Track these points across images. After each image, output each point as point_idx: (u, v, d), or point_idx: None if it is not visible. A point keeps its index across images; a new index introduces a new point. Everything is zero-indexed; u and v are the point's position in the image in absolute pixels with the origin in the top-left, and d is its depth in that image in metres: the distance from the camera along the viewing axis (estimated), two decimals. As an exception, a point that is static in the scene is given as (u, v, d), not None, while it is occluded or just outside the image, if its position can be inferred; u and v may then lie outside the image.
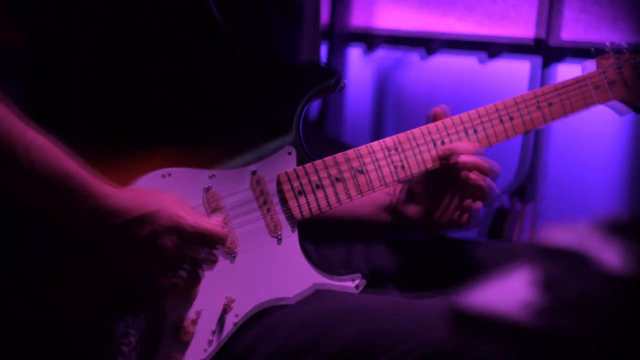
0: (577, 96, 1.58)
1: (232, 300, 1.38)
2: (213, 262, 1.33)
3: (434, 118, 1.53)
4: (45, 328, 1.30)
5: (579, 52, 2.71)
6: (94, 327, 1.31)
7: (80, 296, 1.31)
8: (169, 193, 1.32)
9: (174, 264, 1.29)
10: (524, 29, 2.89)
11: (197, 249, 1.30)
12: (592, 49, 1.64)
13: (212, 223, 1.32)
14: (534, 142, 2.65)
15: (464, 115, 1.52)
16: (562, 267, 0.71)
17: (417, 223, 1.56)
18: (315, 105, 3.06)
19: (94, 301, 1.31)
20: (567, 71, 1.78)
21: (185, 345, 1.35)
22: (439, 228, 1.56)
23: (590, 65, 1.63)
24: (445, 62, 3.05)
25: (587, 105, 1.59)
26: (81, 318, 1.31)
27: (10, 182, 1.26)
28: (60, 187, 1.24)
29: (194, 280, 1.32)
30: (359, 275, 1.46)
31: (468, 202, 1.50)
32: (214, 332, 1.37)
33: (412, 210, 1.56)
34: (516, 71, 2.88)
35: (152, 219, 1.26)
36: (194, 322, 1.35)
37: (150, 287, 1.29)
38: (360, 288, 1.46)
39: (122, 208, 1.26)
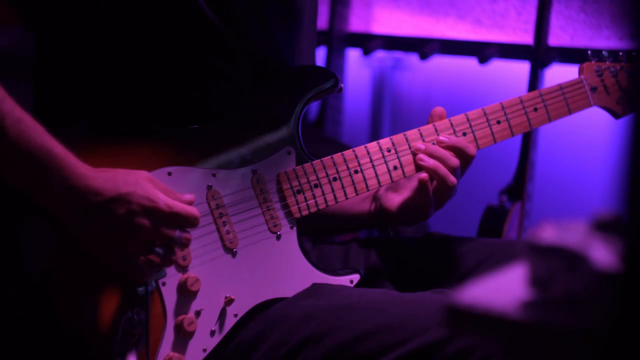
0: (560, 102, 1.60)
1: (232, 300, 1.39)
2: (187, 241, 1.33)
3: (437, 117, 1.54)
4: (45, 325, 1.31)
5: (567, 57, 2.72)
6: (95, 324, 1.31)
7: (81, 293, 1.32)
8: (143, 172, 1.32)
9: (150, 242, 1.29)
10: (518, 32, 2.90)
11: (172, 228, 1.31)
12: (588, 53, 1.66)
13: (185, 201, 1.32)
14: (529, 142, 2.66)
15: (459, 117, 1.54)
16: (557, 265, 0.72)
17: (396, 212, 1.56)
18: (314, 107, 3.07)
19: (95, 298, 1.32)
20: (560, 75, 1.80)
21: (184, 344, 1.36)
22: (416, 216, 1.56)
23: (576, 72, 1.66)
24: (442, 64, 3.06)
25: (569, 111, 1.61)
26: (82, 315, 1.31)
27: None
28: (41, 164, 1.24)
29: (169, 258, 1.32)
30: (358, 276, 1.48)
31: (423, 175, 1.49)
32: (213, 331, 1.38)
33: (394, 200, 1.57)
34: (514, 73, 2.89)
35: (129, 199, 1.27)
36: (194, 321, 1.36)
37: (128, 266, 1.30)
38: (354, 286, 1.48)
39: (98, 188, 1.26)
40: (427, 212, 1.52)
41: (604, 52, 1.65)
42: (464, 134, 1.54)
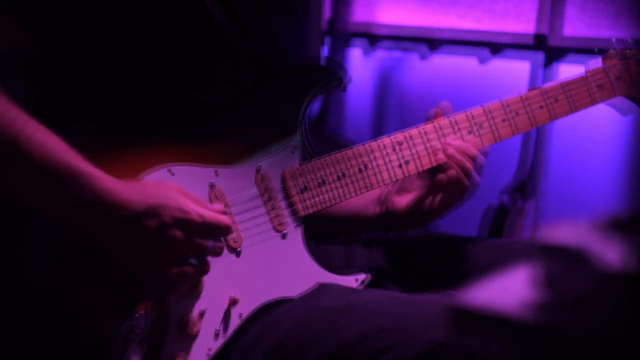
0: (583, 93, 1.58)
1: (236, 301, 1.38)
2: (219, 251, 1.34)
3: (434, 117, 1.53)
4: (49, 326, 1.30)
5: (582, 49, 2.72)
6: (99, 325, 1.31)
7: (86, 293, 1.31)
8: (172, 183, 1.32)
9: (183, 253, 1.30)
10: (526, 26, 2.90)
11: (205, 239, 1.31)
12: (596, 48, 1.65)
13: (215, 210, 1.32)
14: (536, 140, 2.66)
15: (476, 109, 1.53)
16: (562, 265, 0.71)
17: (405, 215, 1.56)
18: (317, 104, 3.07)
19: (99, 299, 1.32)
20: (569, 70, 1.79)
21: (189, 345, 1.35)
22: (426, 218, 1.56)
23: (596, 62, 1.63)
24: (446, 61, 3.06)
25: (592, 102, 1.59)
26: (87, 315, 1.31)
27: (13, 176, 1.26)
28: (66, 181, 1.24)
29: (203, 268, 1.33)
30: (364, 275, 1.47)
31: (451, 172, 1.48)
32: (217, 332, 1.38)
33: (402, 202, 1.56)
34: (517, 70, 2.89)
35: (159, 211, 1.27)
36: (199, 321, 1.35)
37: (160, 277, 1.30)
38: (359, 284, 1.47)
39: (128, 202, 1.26)
40: (442, 211, 1.52)
41: (628, 40, 1.63)
42: (481, 126, 1.52)
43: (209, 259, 1.34)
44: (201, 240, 1.30)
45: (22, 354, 1.32)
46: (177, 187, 1.31)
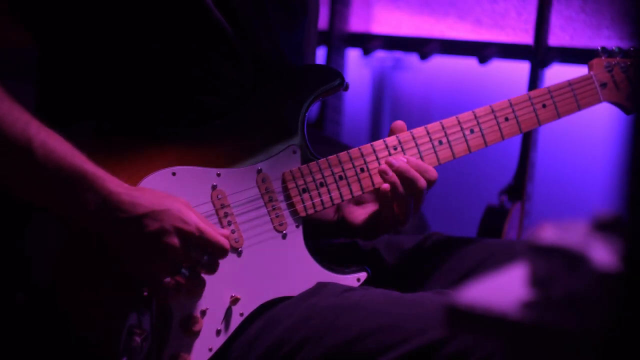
0: (570, 99, 1.60)
1: (237, 300, 1.39)
2: (213, 269, 1.34)
3: (398, 131, 1.52)
4: (51, 325, 1.31)
5: (567, 57, 2.72)
6: (101, 324, 1.32)
7: (87, 293, 1.32)
8: (178, 197, 1.33)
9: (177, 263, 1.30)
10: (518, 32, 2.90)
11: (200, 254, 1.31)
12: (598, 49, 1.66)
13: (219, 233, 1.32)
14: (529, 142, 2.66)
15: (466, 114, 1.54)
16: (555, 264, 0.72)
17: (360, 226, 1.55)
18: (314, 107, 3.07)
19: (101, 298, 1.32)
20: (559, 75, 1.79)
21: (191, 343, 1.36)
22: (379, 230, 1.54)
23: (584, 69, 1.66)
24: (442, 64, 3.06)
25: (578, 108, 1.61)
26: (90, 314, 1.32)
27: (15, 175, 1.27)
28: (73, 182, 1.25)
29: (196, 281, 1.34)
30: (365, 273, 1.48)
31: (385, 186, 1.46)
32: (219, 331, 1.39)
33: (359, 213, 1.55)
34: (514, 73, 2.89)
35: (161, 216, 1.28)
36: (200, 321, 1.36)
37: (153, 283, 1.30)
38: (359, 283, 1.48)
39: (132, 203, 1.27)
40: (391, 225, 1.50)
41: (614, 48, 1.65)
42: (472, 131, 1.53)
43: (204, 272, 1.34)
44: (195, 254, 1.30)
45: (27, 354, 1.32)
46: (184, 202, 1.32)
